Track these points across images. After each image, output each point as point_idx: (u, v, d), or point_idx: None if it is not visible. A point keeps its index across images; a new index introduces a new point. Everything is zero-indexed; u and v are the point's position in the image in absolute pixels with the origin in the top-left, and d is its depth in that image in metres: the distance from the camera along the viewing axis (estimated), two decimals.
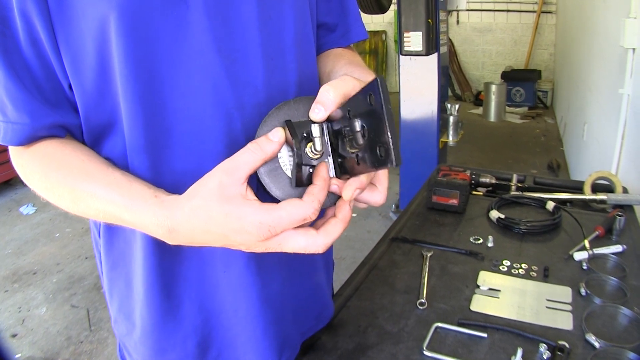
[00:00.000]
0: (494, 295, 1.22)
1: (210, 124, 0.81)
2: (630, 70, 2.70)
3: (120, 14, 0.73)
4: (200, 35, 0.79)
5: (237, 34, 0.82)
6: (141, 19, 0.75)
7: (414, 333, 1.10)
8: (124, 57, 0.76)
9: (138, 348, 1.03)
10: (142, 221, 0.75)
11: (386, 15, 8.46)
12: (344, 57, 1.06)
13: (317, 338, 1.11)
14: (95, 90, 0.80)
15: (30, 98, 0.79)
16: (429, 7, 3.63)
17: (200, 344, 0.99)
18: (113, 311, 1.06)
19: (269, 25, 0.86)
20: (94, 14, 0.74)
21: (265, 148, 0.70)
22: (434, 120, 4.15)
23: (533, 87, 8.32)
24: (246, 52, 0.84)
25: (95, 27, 0.74)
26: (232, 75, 0.83)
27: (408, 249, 1.45)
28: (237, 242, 0.70)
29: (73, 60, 0.78)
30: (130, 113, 0.79)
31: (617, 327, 1.09)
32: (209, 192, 0.69)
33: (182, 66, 0.79)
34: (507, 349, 1.02)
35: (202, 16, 0.78)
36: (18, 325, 3.42)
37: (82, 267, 4.10)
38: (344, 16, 1.09)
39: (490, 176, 1.85)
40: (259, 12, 0.84)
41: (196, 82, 0.80)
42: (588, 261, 1.32)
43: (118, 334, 1.08)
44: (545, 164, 5.63)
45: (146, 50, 0.77)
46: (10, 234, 4.83)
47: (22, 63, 0.78)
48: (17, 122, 0.80)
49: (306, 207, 0.68)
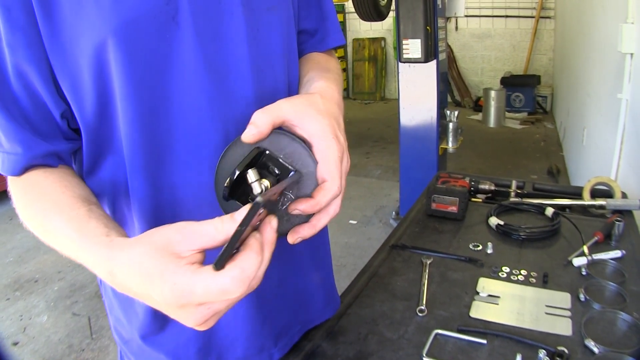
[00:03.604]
0: (494, 301, 1.22)
1: (207, 138, 0.83)
2: (628, 76, 2.70)
3: (116, 39, 0.75)
4: (190, 54, 0.81)
5: (226, 49, 0.84)
6: (136, 43, 0.76)
7: (413, 340, 1.10)
8: (122, 81, 0.77)
9: (139, 355, 1.04)
10: (87, 260, 0.72)
11: (385, 22, 8.52)
12: (318, 63, 1.06)
13: (317, 345, 1.11)
14: (96, 113, 0.82)
15: (20, 129, 0.80)
16: (428, 15, 3.65)
17: (201, 350, 1.00)
18: (112, 318, 1.07)
19: (257, 39, 0.89)
20: (89, 41, 0.75)
21: (228, 230, 0.62)
22: (433, 126, 4.16)
23: (532, 93, 8.33)
24: (236, 66, 0.86)
25: (91, 54, 0.76)
26: (224, 90, 0.85)
27: (408, 256, 1.45)
28: (156, 301, 0.63)
29: (71, 87, 0.79)
30: (129, 133, 0.81)
31: (616, 332, 1.09)
32: (154, 243, 0.64)
33: (178, 85, 0.81)
34: (507, 355, 1.03)
35: (192, 35, 0.80)
36: (20, 334, 3.42)
37: (83, 275, 4.10)
38: (322, 21, 1.10)
39: (490, 183, 1.86)
40: (247, 26, 0.86)
41: (191, 99, 0.82)
42: (587, 267, 1.33)
43: (119, 340, 1.09)
44: (545, 170, 5.64)
45: (143, 72, 0.78)
46: (12, 242, 4.84)
47: (10, 96, 0.79)
48: (11, 153, 0.81)
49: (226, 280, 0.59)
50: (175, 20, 0.79)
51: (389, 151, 6.85)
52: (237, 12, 0.85)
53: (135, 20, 0.75)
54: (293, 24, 1.00)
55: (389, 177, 5.84)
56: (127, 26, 0.75)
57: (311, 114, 0.76)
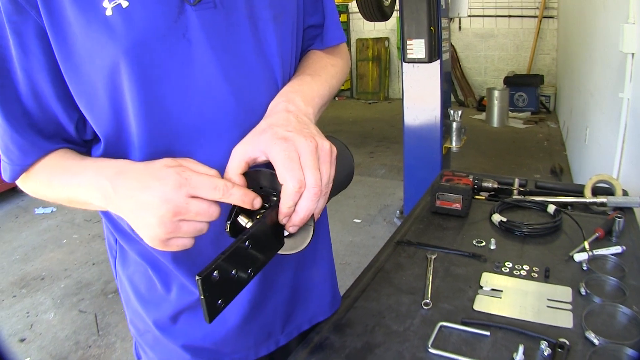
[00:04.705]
0: (497, 295, 1.25)
1: (226, 149, 0.84)
2: (629, 75, 2.72)
3: (127, 60, 0.78)
4: (207, 68, 0.83)
5: (239, 61, 0.87)
6: (147, 62, 0.79)
7: (419, 332, 1.13)
8: (134, 100, 0.80)
9: (154, 347, 1.08)
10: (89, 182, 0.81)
11: (389, 23, 8.52)
12: (309, 66, 1.07)
13: (325, 337, 1.14)
14: (114, 128, 0.85)
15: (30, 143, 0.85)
16: (431, 15, 3.67)
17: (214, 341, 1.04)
18: (130, 311, 1.11)
19: (264, 48, 0.91)
20: (101, 62, 0.79)
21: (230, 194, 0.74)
22: (437, 126, 4.18)
23: (535, 92, 8.33)
24: (252, 77, 0.89)
25: (105, 74, 0.79)
26: (242, 101, 0.87)
27: (413, 251, 1.48)
28: (156, 190, 0.72)
29: (88, 104, 0.83)
30: (144, 149, 0.85)
31: (616, 325, 1.12)
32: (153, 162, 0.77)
33: (194, 99, 0.84)
34: (509, 346, 1.06)
35: (207, 49, 0.83)
36: (27, 330, 3.45)
37: (89, 273, 4.13)
38: (322, 19, 1.10)
39: (493, 181, 1.89)
40: (254, 37, 0.89)
41: (211, 113, 0.85)
42: (588, 262, 1.35)
43: (134, 333, 1.12)
44: (548, 169, 5.66)
45: (156, 90, 0.81)
46: (18, 240, 4.87)
47: (23, 111, 0.83)
48: (22, 165, 0.87)
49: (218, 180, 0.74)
50: (187, 37, 0.81)
51: (392, 150, 6.87)
52: (243, 24, 0.87)
53: (144, 42, 0.78)
54: (298, 27, 1.02)
55: (393, 176, 5.86)
56: (137, 47, 0.78)
57: (259, 139, 0.80)
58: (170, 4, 0.80)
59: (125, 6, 0.77)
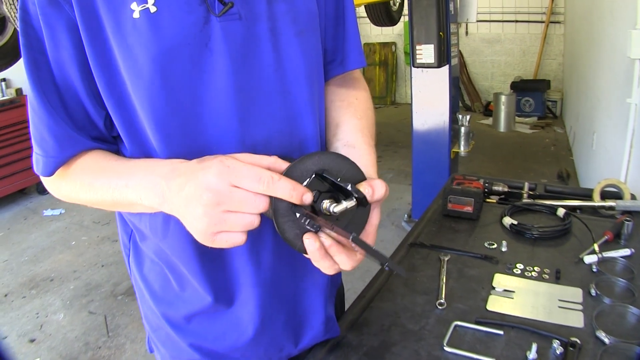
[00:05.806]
0: (509, 296, 1.28)
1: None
2: (637, 81, 2.74)
3: (153, 65, 0.81)
4: (222, 78, 0.85)
5: (255, 74, 0.89)
6: (170, 69, 0.82)
7: (434, 331, 1.16)
8: (156, 105, 0.83)
9: (166, 343, 1.10)
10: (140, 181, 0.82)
11: (396, 27, 8.50)
12: (349, 108, 1.08)
13: (342, 336, 1.17)
14: (136, 131, 0.88)
15: (67, 135, 0.87)
16: (440, 20, 3.70)
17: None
18: (144, 307, 1.13)
19: (284, 64, 0.92)
20: (130, 64, 0.81)
21: (277, 187, 0.72)
22: (445, 130, 4.20)
23: (542, 97, 8.30)
24: (265, 90, 0.91)
25: (132, 76, 0.82)
26: (253, 112, 0.89)
27: (426, 253, 1.51)
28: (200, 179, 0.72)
29: (116, 104, 0.86)
30: (164, 152, 0.87)
31: (626, 324, 1.15)
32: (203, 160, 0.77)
33: (209, 107, 0.86)
34: (522, 345, 1.08)
35: (226, 60, 0.85)
36: (36, 331, 3.48)
37: (98, 275, 4.17)
38: (343, 42, 1.11)
39: (503, 185, 1.91)
40: (274, 52, 0.91)
41: (222, 122, 0.87)
42: (598, 264, 1.38)
43: (148, 329, 1.15)
44: (555, 174, 5.66)
45: (178, 96, 0.84)
46: (27, 242, 4.91)
47: (60, 100, 0.86)
48: (56, 157, 0.88)
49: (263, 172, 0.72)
50: (209, 47, 0.84)
51: (400, 155, 6.88)
52: (264, 37, 0.89)
53: (171, 49, 0.81)
54: (320, 46, 1.03)
55: (400, 181, 5.86)
56: (164, 54, 0.81)
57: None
58: (197, 14, 0.82)
59: (154, 11, 0.79)
